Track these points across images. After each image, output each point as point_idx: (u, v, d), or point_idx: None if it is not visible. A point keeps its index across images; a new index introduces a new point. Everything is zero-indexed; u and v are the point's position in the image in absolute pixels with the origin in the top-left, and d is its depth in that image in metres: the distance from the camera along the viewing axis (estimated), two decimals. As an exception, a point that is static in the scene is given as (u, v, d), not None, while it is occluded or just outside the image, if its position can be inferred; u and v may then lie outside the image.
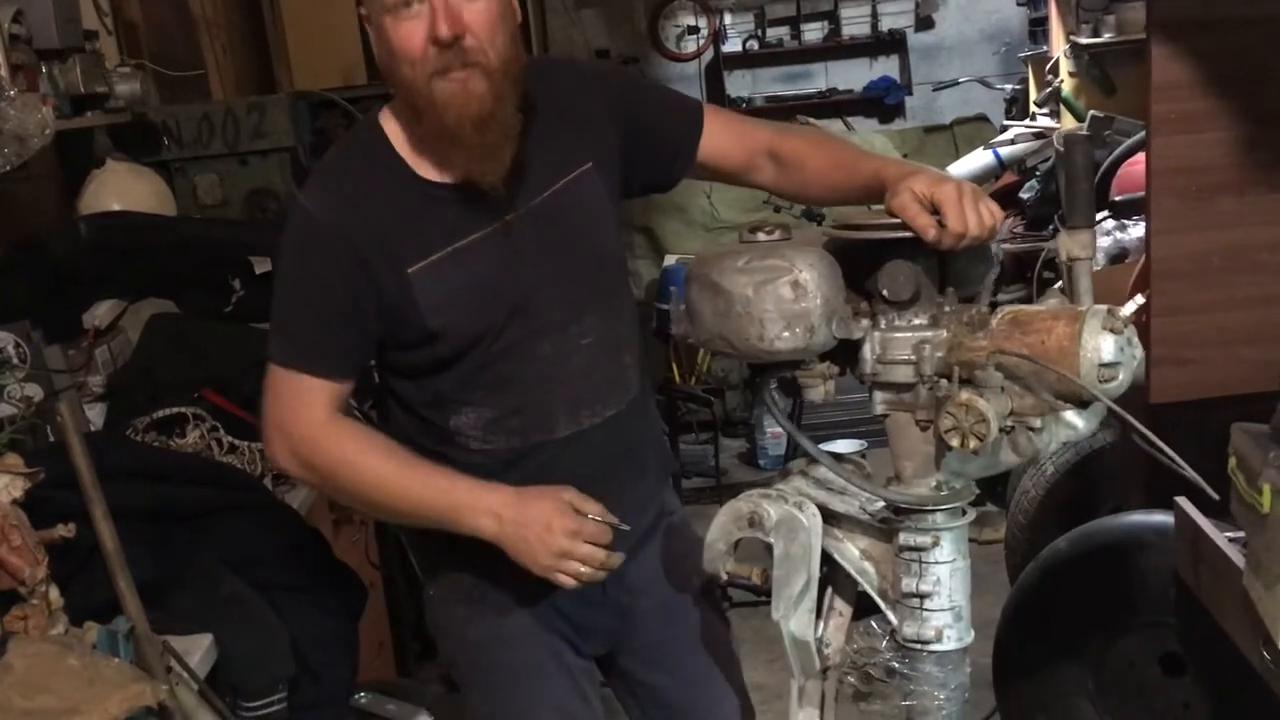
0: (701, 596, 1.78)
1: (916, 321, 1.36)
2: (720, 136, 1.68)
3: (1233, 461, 1.67)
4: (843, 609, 1.51)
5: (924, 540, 1.36)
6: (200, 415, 2.20)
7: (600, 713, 1.75)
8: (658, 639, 1.76)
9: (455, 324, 1.52)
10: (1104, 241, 2.99)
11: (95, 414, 2.39)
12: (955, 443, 1.24)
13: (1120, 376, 1.25)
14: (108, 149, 2.94)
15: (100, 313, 2.57)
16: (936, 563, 1.36)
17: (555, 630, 1.68)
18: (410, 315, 1.51)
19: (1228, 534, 1.89)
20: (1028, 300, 3.54)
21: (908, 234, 1.33)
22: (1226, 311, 2.09)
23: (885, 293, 1.35)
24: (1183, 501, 2.01)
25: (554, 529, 1.48)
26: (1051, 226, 3.32)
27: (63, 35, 2.54)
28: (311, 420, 1.53)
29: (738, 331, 1.36)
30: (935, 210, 1.33)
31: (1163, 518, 2.21)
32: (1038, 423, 1.27)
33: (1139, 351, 1.27)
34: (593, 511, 1.51)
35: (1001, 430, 1.25)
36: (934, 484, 1.37)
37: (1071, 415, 1.28)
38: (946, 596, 1.37)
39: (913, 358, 1.34)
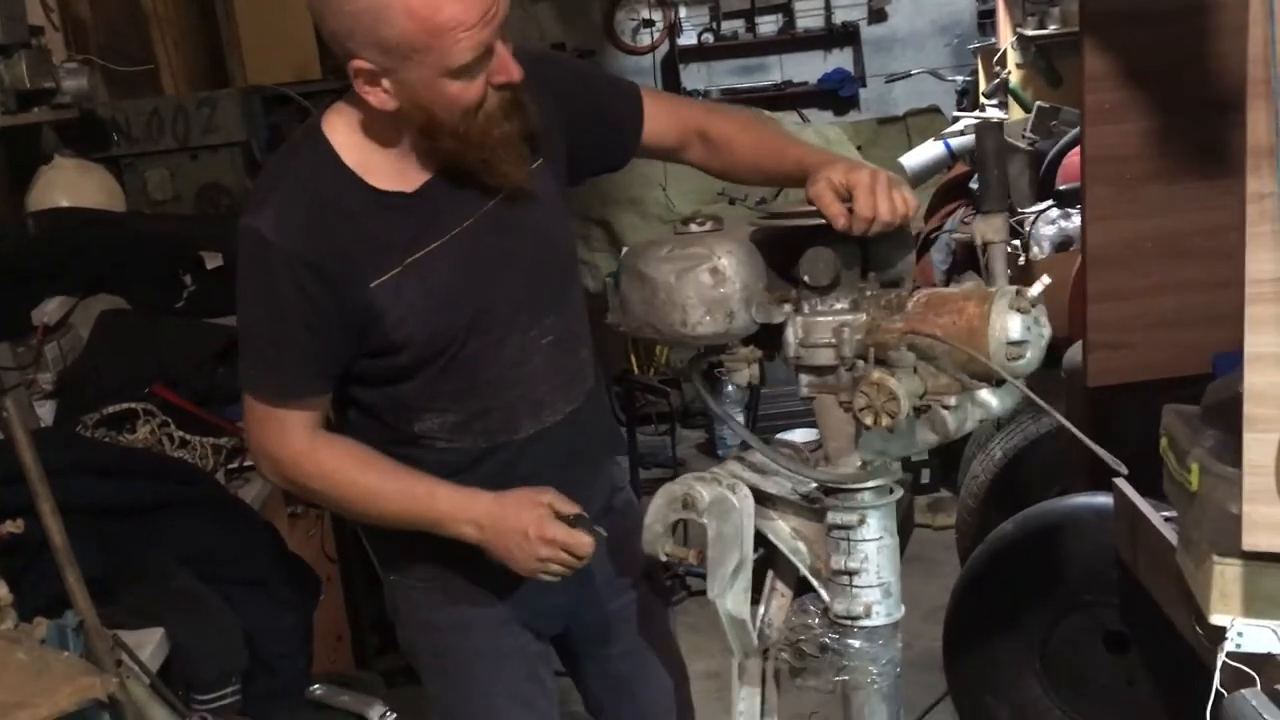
0: (643, 573, 1.83)
1: (838, 306, 1.40)
2: (656, 118, 1.71)
3: (1164, 442, 1.72)
4: (784, 590, 1.55)
5: (851, 519, 1.41)
6: (151, 411, 2.19)
7: (554, 696, 1.79)
8: (606, 613, 1.80)
9: (418, 335, 1.52)
10: (1049, 230, 3.04)
11: (45, 411, 2.38)
12: (869, 421, 1.29)
13: (1028, 354, 1.30)
14: (55, 145, 2.92)
15: (50, 309, 2.55)
16: (864, 540, 1.41)
17: (514, 616, 1.71)
18: (373, 328, 1.51)
19: (1164, 514, 1.94)
20: (978, 289, 3.59)
21: (823, 221, 1.38)
22: (1160, 296, 2.14)
23: (806, 278, 1.40)
24: (1121, 483, 2.05)
25: (532, 539, 1.51)
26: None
27: (7, 31, 2.53)
28: (290, 446, 1.54)
29: (663, 318, 1.43)
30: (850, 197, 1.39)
31: (1104, 500, 2.26)
32: (952, 401, 1.31)
33: (1047, 330, 1.32)
34: (572, 513, 1.53)
35: (916, 409, 1.30)
36: (859, 464, 1.42)
37: (985, 394, 1.32)
38: (875, 573, 1.42)
39: (833, 341, 1.39)
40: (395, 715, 1.98)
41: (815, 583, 1.48)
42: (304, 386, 1.53)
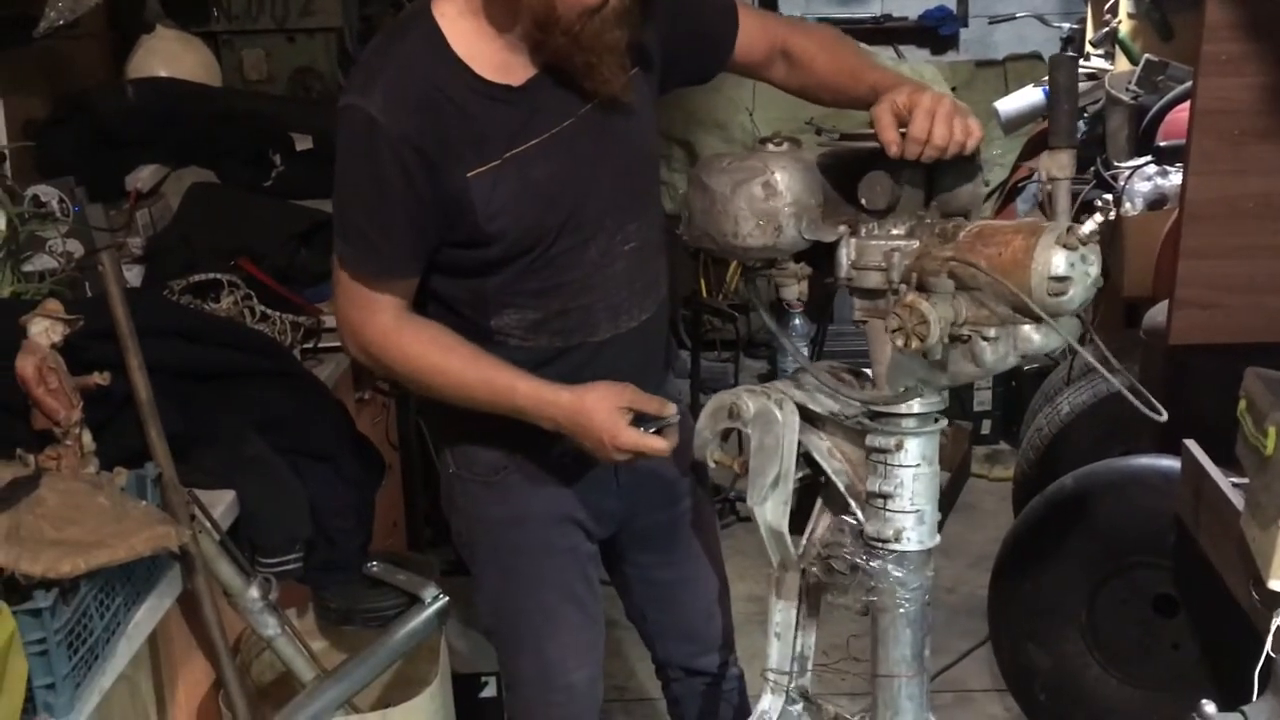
0: (694, 481, 1.86)
1: (894, 231, 1.42)
2: (748, 33, 1.70)
3: (1242, 404, 1.70)
4: (831, 516, 1.57)
5: (889, 443, 1.44)
6: (235, 282, 2.23)
7: (600, 600, 1.83)
8: (655, 520, 1.83)
9: (511, 229, 1.54)
10: (1144, 186, 2.97)
11: (133, 275, 2.43)
12: (900, 342, 1.31)
13: (1070, 291, 1.29)
14: (158, 15, 2.95)
15: (143, 176, 2.61)
16: (901, 465, 1.44)
17: (570, 515, 1.74)
18: (466, 217, 1.52)
19: (1231, 479, 1.93)
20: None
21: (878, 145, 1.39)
22: (1256, 259, 2.09)
23: (863, 201, 1.41)
24: (1190, 444, 2.03)
25: (607, 446, 1.52)
26: (1093, 169, 3.28)
27: (118, -104, 2.55)
28: (379, 326, 1.57)
29: (717, 227, 1.47)
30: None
31: (1169, 463, 2.24)
32: (992, 333, 1.32)
33: (1094, 269, 1.30)
34: (651, 409, 1.55)
35: (954, 338, 1.31)
36: (902, 390, 1.43)
37: (1029, 330, 1.31)
38: (909, 499, 1.45)
39: (884, 265, 1.40)
40: (447, 599, 2.02)
41: (853, 504, 1.51)
42: (398, 267, 1.55)
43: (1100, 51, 4.07)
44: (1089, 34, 4.26)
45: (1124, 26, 3.82)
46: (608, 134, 1.58)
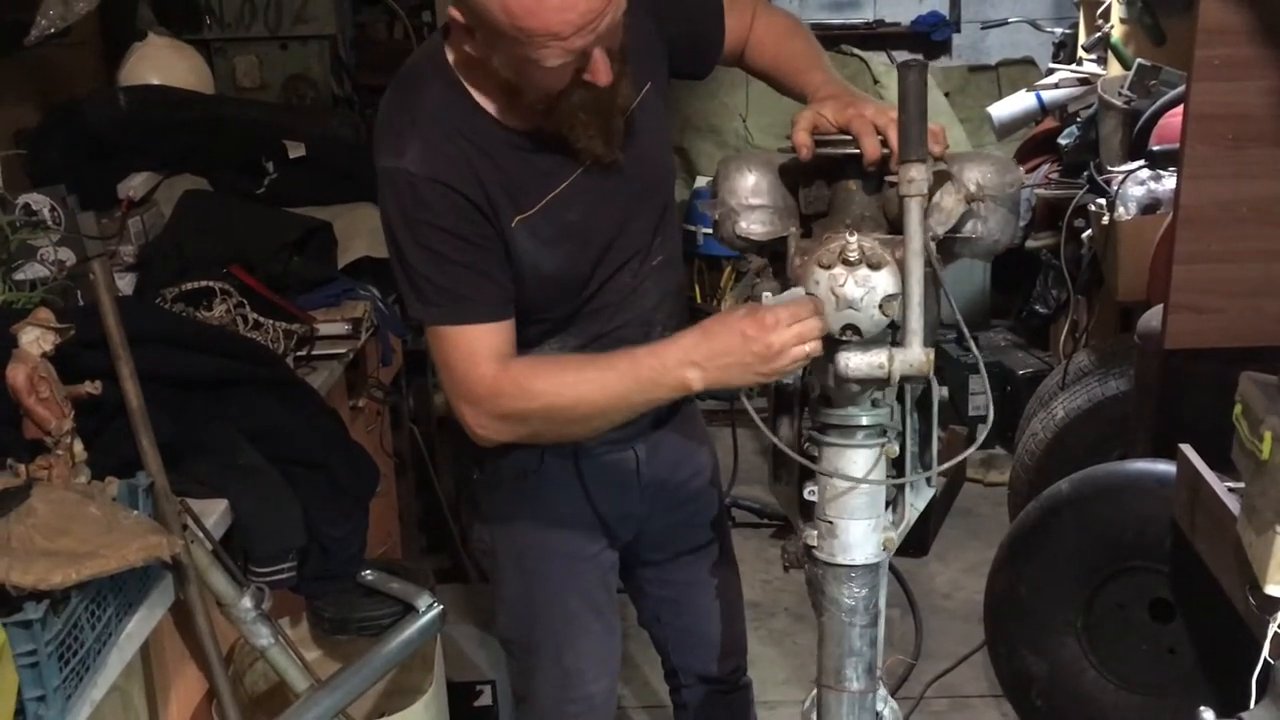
0: (708, 481, 1.87)
1: (827, 234, 1.40)
2: (732, 29, 1.72)
3: (1238, 409, 1.69)
4: None
5: (814, 448, 1.44)
6: (227, 290, 2.22)
7: (617, 608, 1.84)
8: (672, 521, 1.84)
9: (554, 272, 1.55)
10: (1137, 191, 2.96)
11: (125, 283, 2.41)
12: None
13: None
14: (150, 23, 2.94)
15: (135, 184, 2.60)
16: (820, 472, 1.43)
17: (595, 522, 1.75)
18: (515, 262, 1.53)
19: (1227, 484, 1.92)
20: (1055, 249, 3.52)
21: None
22: (1251, 263, 2.09)
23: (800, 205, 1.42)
24: (1186, 449, 2.03)
25: (751, 335, 1.35)
26: (1086, 174, 3.28)
27: (110, -98, 2.54)
28: (487, 375, 1.49)
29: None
30: (846, 130, 1.39)
31: (1165, 467, 2.24)
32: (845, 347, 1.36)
33: (850, 291, 1.31)
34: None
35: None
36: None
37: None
38: (823, 508, 1.44)
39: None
40: (442, 607, 2.01)
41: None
42: (483, 305, 1.50)
43: (1093, 56, 4.07)
44: (1081, 39, 4.26)
45: (1116, 31, 3.82)
46: (631, 156, 1.58)
